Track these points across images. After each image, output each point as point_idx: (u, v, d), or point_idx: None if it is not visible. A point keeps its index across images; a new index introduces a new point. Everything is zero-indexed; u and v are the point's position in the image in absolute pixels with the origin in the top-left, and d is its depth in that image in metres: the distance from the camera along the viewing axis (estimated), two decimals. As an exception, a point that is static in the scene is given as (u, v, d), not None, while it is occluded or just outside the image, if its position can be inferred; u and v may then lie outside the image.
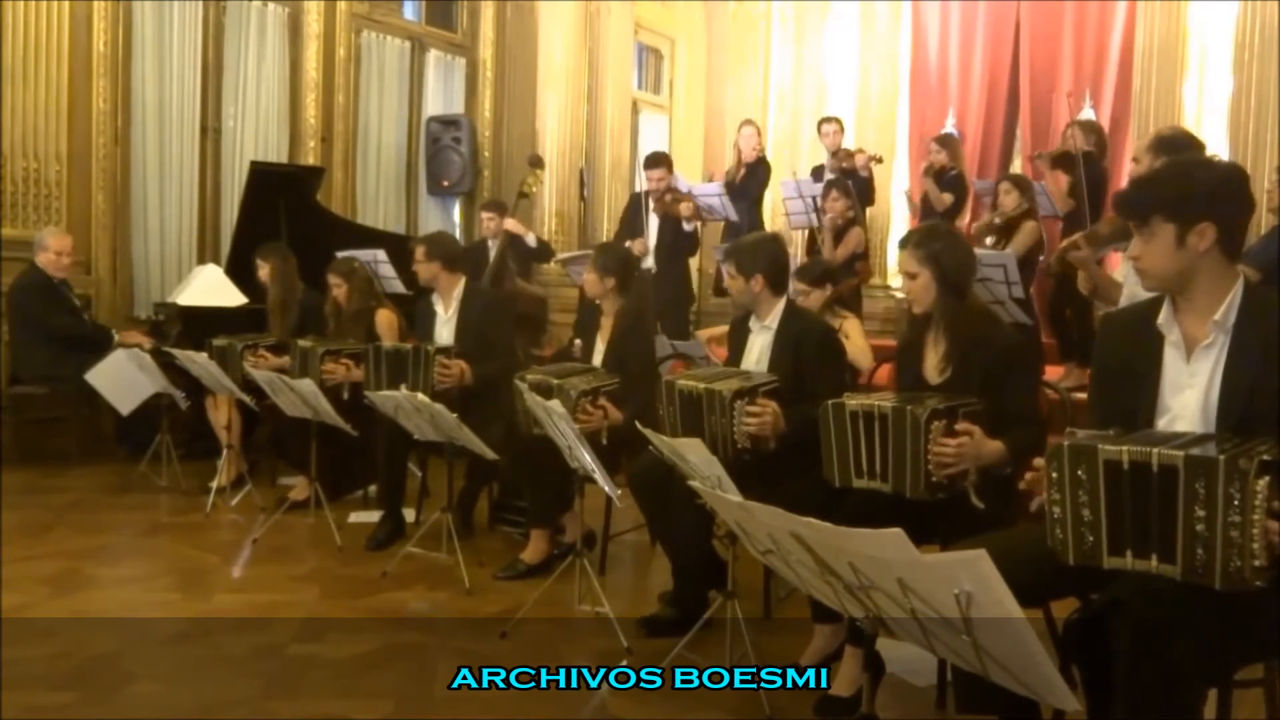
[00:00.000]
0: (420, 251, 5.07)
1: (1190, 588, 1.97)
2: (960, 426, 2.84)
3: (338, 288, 5.56)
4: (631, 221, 7.59)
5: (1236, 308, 2.30)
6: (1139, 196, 2.39)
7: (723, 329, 6.31)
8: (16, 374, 6.33)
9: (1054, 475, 2.14)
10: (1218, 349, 2.30)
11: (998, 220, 6.36)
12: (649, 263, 7.44)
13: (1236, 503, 1.91)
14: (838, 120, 8.52)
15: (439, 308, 5.13)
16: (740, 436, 3.44)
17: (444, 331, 5.08)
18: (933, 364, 3.17)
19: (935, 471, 2.81)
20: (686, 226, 7.50)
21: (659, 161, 7.56)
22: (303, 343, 5.36)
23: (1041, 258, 6.39)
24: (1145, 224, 2.32)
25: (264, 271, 6.04)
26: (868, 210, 8.32)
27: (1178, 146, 3.82)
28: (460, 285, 5.11)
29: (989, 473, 2.91)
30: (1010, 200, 6.32)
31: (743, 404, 3.45)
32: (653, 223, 7.50)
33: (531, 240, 7.66)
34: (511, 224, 7.43)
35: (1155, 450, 2.02)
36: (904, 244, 3.28)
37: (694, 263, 8.22)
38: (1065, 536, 2.13)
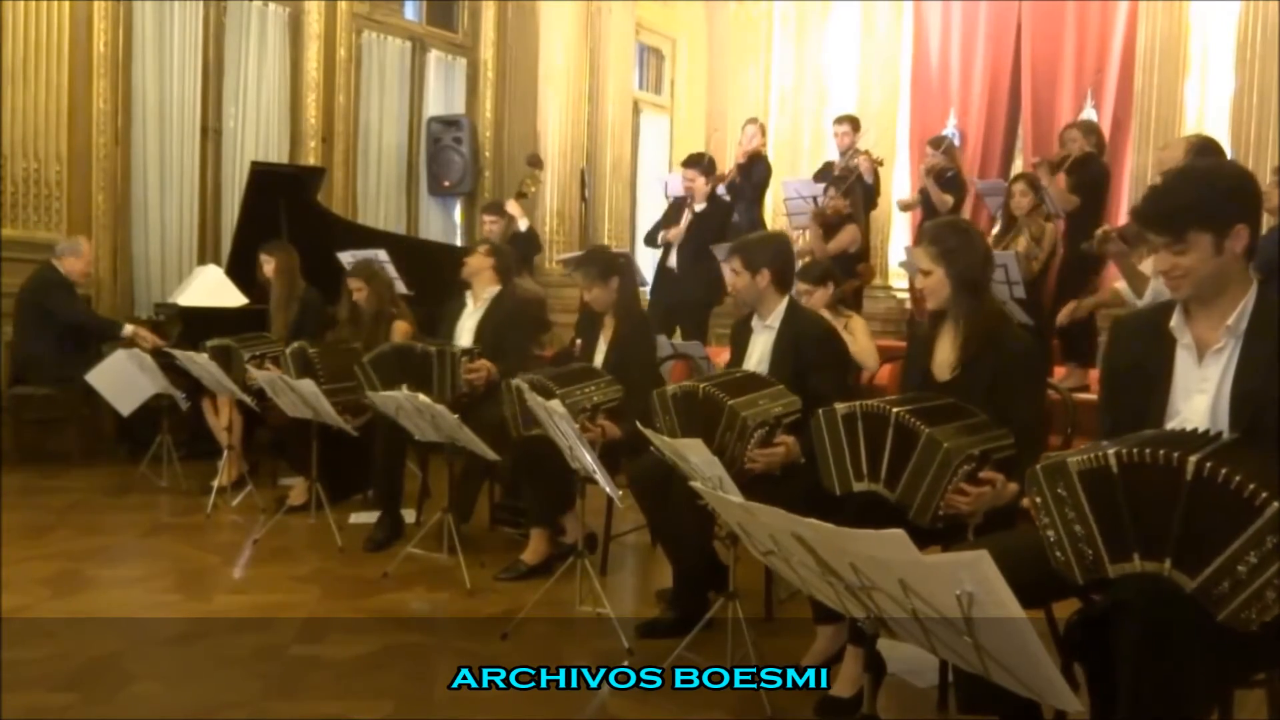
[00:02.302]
0: (486, 247, 5.31)
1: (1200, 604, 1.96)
2: (985, 475, 2.76)
3: (358, 290, 5.51)
4: (671, 219, 7.60)
5: (1249, 313, 2.29)
6: (1168, 211, 2.33)
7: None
8: (23, 375, 6.33)
9: (1038, 500, 2.12)
10: (1228, 353, 2.30)
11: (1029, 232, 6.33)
12: (671, 261, 7.46)
13: None
14: (849, 120, 8.48)
15: (470, 301, 5.19)
16: (750, 463, 3.41)
17: (468, 323, 5.11)
18: (943, 361, 3.13)
19: (945, 507, 2.77)
20: (699, 206, 7.46)
21: (693, 162, 7.49)
22: (306, 350, 5.30)
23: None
24: (1180, 238, 2.28)
25: (268, 268, 6.05)
26: (869, 212, 8.30)
27: (1206, 154, 3.85)
28: (496, 288, 5.16)
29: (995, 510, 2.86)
30: (1027, 200, 6.33)
31: (762, 434, 3.40)
32: (685, 221, 7.47)
33: (523, 225, 7.67)
34: (512, 207, 7.43)
35: (1192, 460, 1.94)
36: (918, 240, 3.26)
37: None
38: (1066, 557, 2.11)
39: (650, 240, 7.86)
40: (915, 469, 2.79)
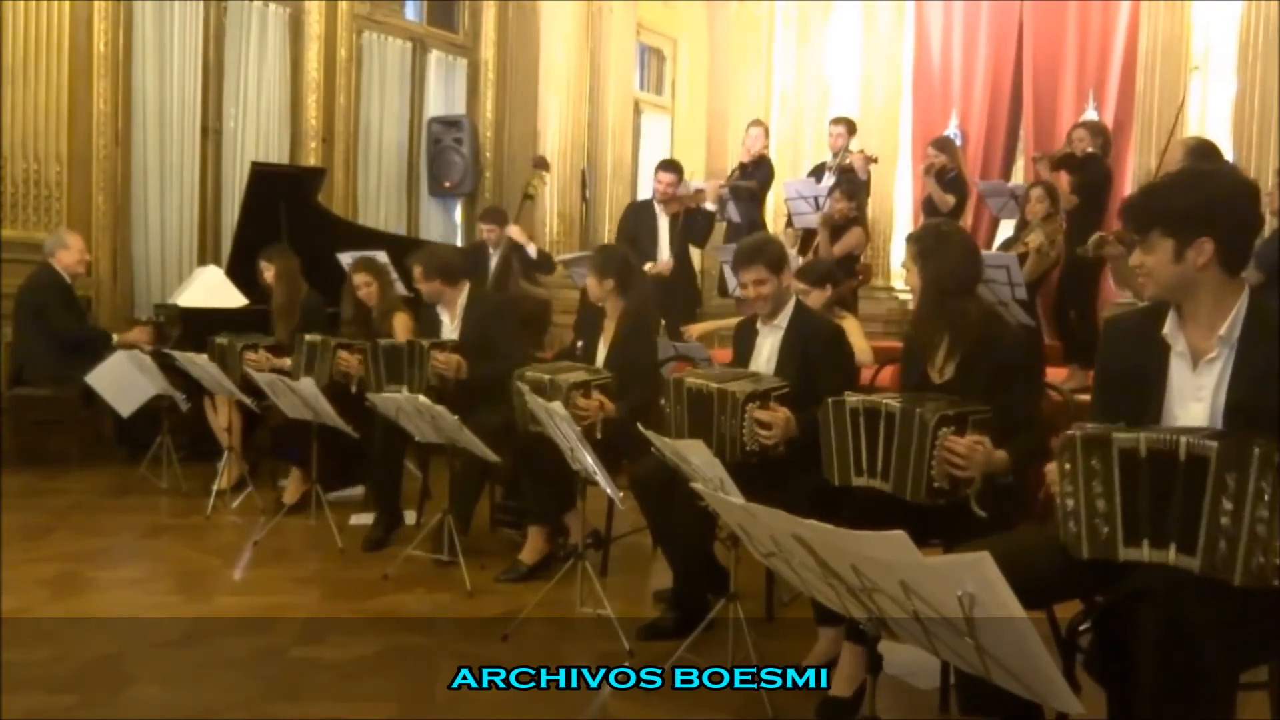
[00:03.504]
0: (418, 272, 5.03)
1: (1212, 581, 1.96)
2: (969, 437, 2.80)
3: (367, 285, 5.50)
4: (635, 229, 7.58)
5: (1241, 322, 2.29)
6: (1140, 208, 2.38)
7: (710, 324, 6.35)
8: (24, 375, 6.32)
9: (1067, 467, 2.13)
10: (1222, 362, 2.29)
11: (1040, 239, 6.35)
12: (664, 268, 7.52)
13: (1267, 497, 1.89)
14: (845, 121, 8.49)
15: (444, 317, 5.12)
16: (750, 440, 3.42)
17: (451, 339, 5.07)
18: (937, 364, 3.16)
19: (939, 476, 2.79)
20: (710, 206, 7.65)
21: (671, 167, 7.64)
22: (310, 337, 5.35)
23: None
24: (1145, 236, 2.32)
25: (269, 273, 6.03)
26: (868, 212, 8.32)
27: (1203, 156, 3.84)
28: (464, 294, 5.11)
29: (990, 481, 2.88)
30: (1042, 207, 6.37)
31: (755, 406, 3.42)
32: (662, 225, 7.52)
33: (533, 251, 7.67)
34: (515, 232, 7.43)
35: (1184, 439, 2.00)
36: (908, 238, 3.33)
37: (698, 264, 8.27)
38: (1079, 530, 2.11)
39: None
40: (900, 448, 2.83)
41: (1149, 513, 2.04)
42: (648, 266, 7.34)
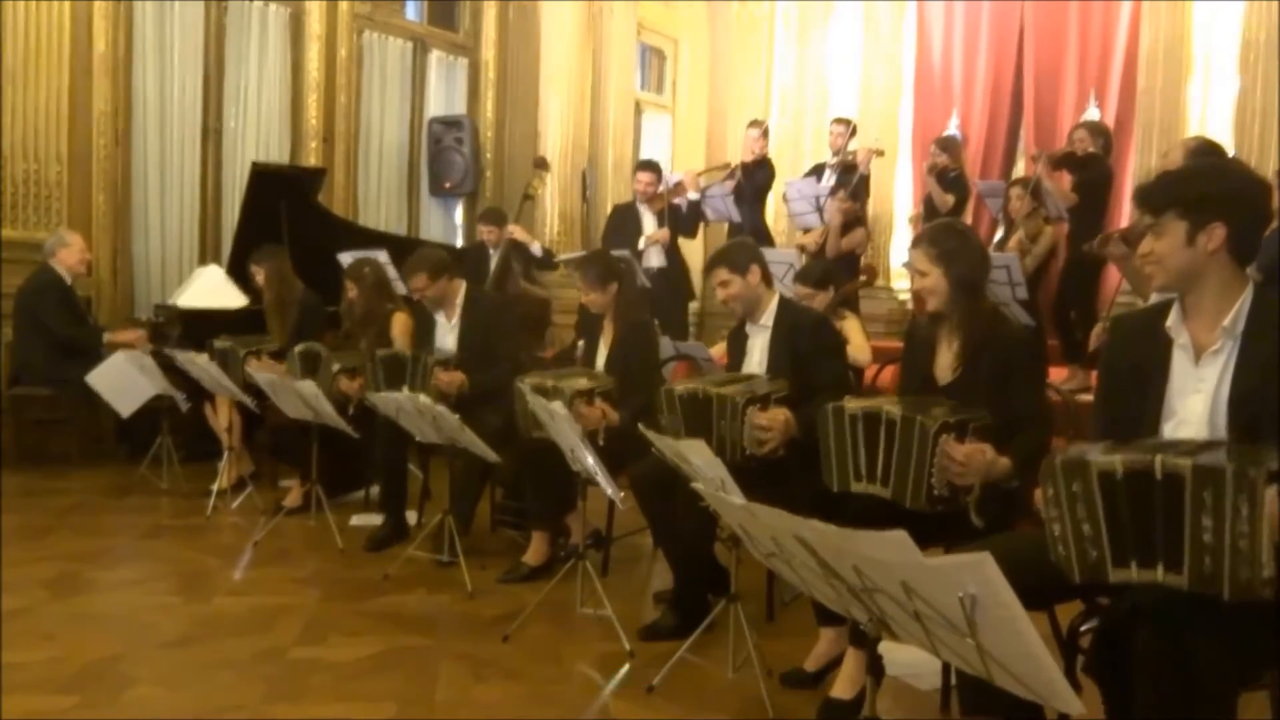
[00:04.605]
0: (423, 279, 4.96)
1: (1207, 599, 1.95)
2: (969, 444, 2.79)
3: (350, 291, 5.53)
4: (621, 232, 7.60)
5: (1245, 314, 2.29)
6: (1158, 190, 2.40)
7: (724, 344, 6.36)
8: (19, 375, 6.31)
9: (1050, 493, 2.12)
10: (1226, 355, 2.29)
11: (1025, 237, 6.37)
12: (659, 259, 7.52)
13: (1245, 513, 1.88)
14: (845, 121, 8.49)
15: (440, 316, 5.11)
16: (750, 444, 3.41)
17: (448, 339, 5.07)
18: (944, 364, 3.15)
19: (939, 484, 2.78)
20: (693, 195, 7.78)
21: (649, 166, 7.78)
22: (301, 348, 5.34)
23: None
24: (1158, 219, 2.33)
25: (259, 277, 6.04)
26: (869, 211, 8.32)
27: (1207, 155, 3.86)
28: (462, 291, 5.10)
29: (991, 488, 2.87)
30: (1023, 204, 6.36)
31: (754, 410, 3.42)
32: (649, 225, 7.57)
33: (537, 249, 7.69)
34: (518, 231, 7.44)
35: (1158, 458, 1.99)
36: (917, 242, 3.27)
37: (693, 261, 8.28)
38: (1069, 553, 2.11)
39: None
40: (900, 454, 2.82)
41: (1134, 533, 2.03)
42: (642, 241, 7.40)
